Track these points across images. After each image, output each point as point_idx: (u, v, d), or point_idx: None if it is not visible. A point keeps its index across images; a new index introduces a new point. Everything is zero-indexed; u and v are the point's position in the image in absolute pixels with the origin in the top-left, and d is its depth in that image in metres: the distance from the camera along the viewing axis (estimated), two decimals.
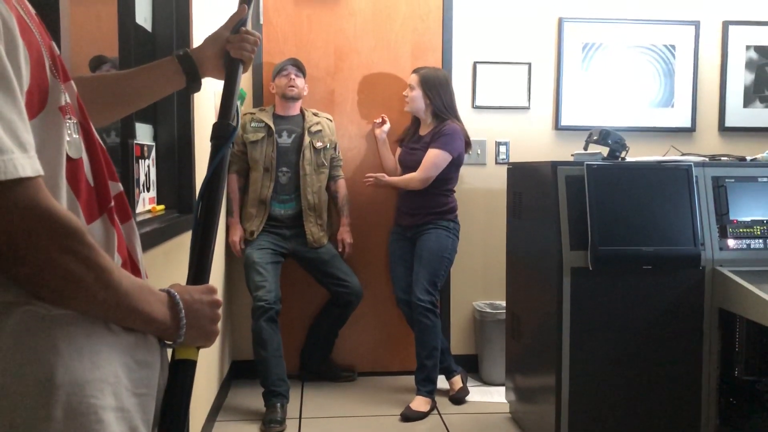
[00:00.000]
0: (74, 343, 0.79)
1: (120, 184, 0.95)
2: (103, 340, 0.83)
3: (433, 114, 3.39)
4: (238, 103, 1.21)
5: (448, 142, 3.29)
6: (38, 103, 0.78)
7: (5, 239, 0.73)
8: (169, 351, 0.98)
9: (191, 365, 0.97)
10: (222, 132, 1.13)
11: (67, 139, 0.82)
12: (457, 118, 3.40)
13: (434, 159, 3.29)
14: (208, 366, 3.05)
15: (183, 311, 0.92)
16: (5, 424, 0.74)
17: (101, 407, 0.80)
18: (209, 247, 1.06)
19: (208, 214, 1.08)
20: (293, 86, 3.48)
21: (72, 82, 0.88)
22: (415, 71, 3.44)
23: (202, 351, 1.00)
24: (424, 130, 3.44)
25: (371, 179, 3.43)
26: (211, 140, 1.13)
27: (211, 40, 1.27)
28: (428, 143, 3.34)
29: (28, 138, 0.73)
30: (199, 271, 1.04)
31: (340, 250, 3.64)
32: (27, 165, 0.71)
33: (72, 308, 0.80)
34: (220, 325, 0.97)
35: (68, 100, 0.84)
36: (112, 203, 0.90)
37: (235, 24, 1.28)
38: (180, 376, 0.96)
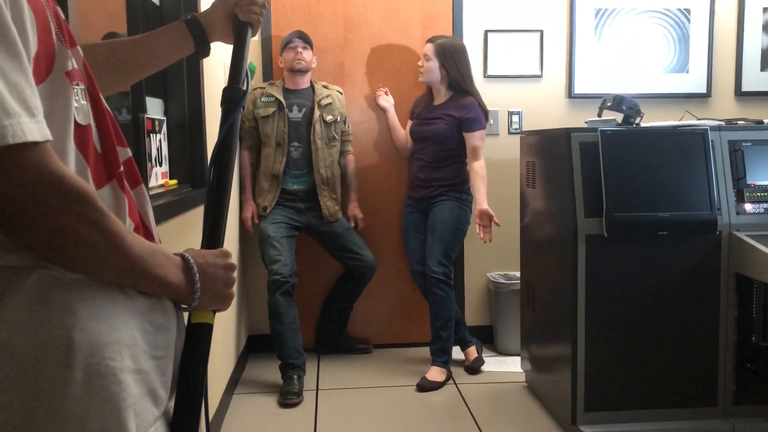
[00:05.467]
0: (91, 307, 0.79)
1: (129, 150, 0.94)
2: (119, 303, 0.83)
3: (448, 84, 3.36)
4: (248, 73, 1.20)
5: (477, 120, 3.30)
6: (45, 68, 0.77)
7: (14, 204, 0.72)
8: (186, 315, 0.98)
9: (208, 329, 0.97)
10: (232, 96, 1.12)
11: (75, 105, 0.81)
12: (473, 87, 3.35)
13: (479, 141, 3.32)
14: (225, 340, 3.07)
15: (197, 275, 0.92)
16: (27, 386, 0.75)
17: (120, 369, 0.81)
18: (223, 211, 1.06)
19: (220, 179, 1.07)
20: (300, 59, 3.45)
21: (78, 48, 0.87)
22: (430, 41, 3.38)
23: (218, 325, 1.00)
24: (438, 101, 3.41)
25: (489, 230, 3.32)
26: (221, 105, 1.13)
27: (219, 3, 1.25)
28: (448, 115, 3.31)
29: (35, 102, 0.72)
30: (213, 236, 1.04)
31: (352, 225, 3.64)
32: (35, 129, 0.70)
33: (85, 273, 0.79)
34: (235, 298, 0.97)
35: (75, 66, 0.83)
36: (122, 169, 0.90)
37: None
38: (197, 340, 0.96)
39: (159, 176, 2.35)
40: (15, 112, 0.68)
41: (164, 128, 2.45)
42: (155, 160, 2.29)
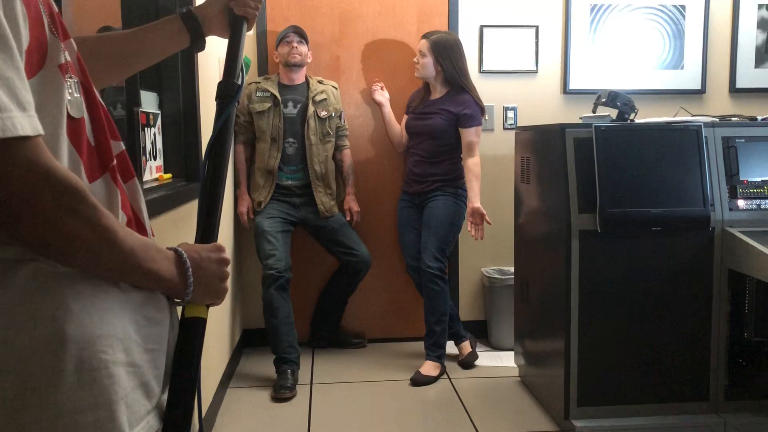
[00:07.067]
0: (83, 300, 0.79)
1: (122, 143, 0.94)
2: (113, 297, 0.83)
3: (443, 80, 3.35)
4: (243, 67, 1.20)
5: (473, 116, 3.30)
6: (37, 61, 0.77)
7: (6, 198, 0.72)
8: (180, 309, 0.98)
9: (201, 323, 0.97)
10: (227, 90, 1.12)
11: (68, 98, 0.81)
12: (469, 83, 3.35)
13: (474, 137, 3.31)
14: (220, 334, 3.08)
15: (190, 269, 0.92)
16: (19, 378, 0.75)
17: (112, 362, 0.81)
18: (217, 206, 1.06)
19: (215, 174, 1.07)
20: (296, 53, 3.44)
21: (72, 41, 0.87)
22: (425, 36, 3.37)
23: (214, 319, 1.00)
24: (435, 96, 3.41)
25: (481, 229, 3.31)
26: (216, 99, 1.12)
27: None
28: (444, 110, 3.31)
29: (27, 97, 0.72)
30: (207, 230, 1.04)
31: (348, 219, 3.64)
32: (26, 124, 0.70)
33: (77, 267, 0.79)
34: (230, 292, 0.97)
35: (68, 59, 0.83)
36: (114, 162, 0.89)
37: None
38: (190, 334, 0.96)
39: (153, 170, 2.34)
40: (6, 106, 0.68)
41: (159, 122, 2.45)
42: (149, 153, 2.29)
